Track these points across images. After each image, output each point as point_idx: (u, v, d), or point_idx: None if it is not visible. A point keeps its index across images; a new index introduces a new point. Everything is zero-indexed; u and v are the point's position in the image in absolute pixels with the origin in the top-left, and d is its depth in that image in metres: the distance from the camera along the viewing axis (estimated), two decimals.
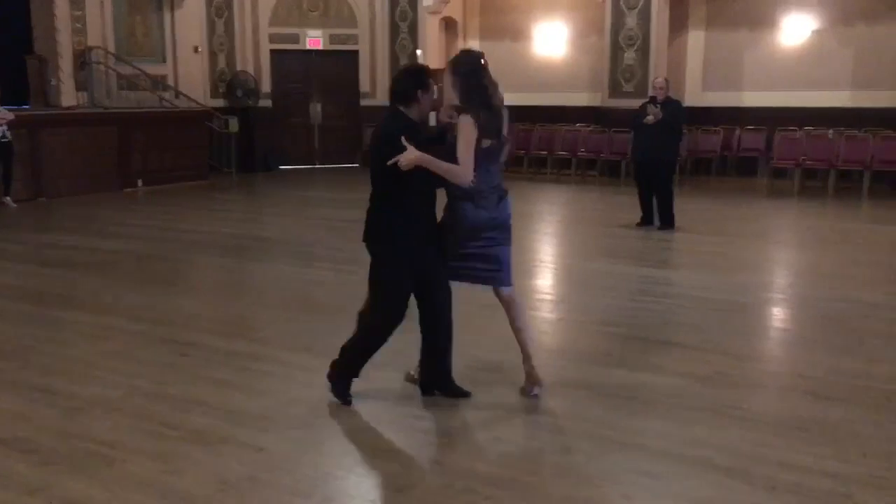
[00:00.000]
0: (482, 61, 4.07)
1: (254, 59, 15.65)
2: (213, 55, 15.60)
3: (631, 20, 13.97)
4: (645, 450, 3.62)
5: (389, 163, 3.79)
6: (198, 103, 14.68)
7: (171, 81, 14.84)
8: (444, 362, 4.27)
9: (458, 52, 4.19)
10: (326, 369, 4.31)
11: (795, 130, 13.10)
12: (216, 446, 3.71)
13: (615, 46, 14.17)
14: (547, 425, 4.02)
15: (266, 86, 15.74)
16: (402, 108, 3.96)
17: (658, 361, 4.82)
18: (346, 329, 5.50)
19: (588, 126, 14.62)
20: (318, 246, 8.74)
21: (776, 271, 7.86)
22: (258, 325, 5.76)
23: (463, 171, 3.90)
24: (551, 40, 15.75)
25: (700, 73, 14.76)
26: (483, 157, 3.98)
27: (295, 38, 15.74)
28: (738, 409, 4.08)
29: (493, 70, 4.17)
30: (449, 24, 16.55)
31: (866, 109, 12.93)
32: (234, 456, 3.61)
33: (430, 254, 4.07)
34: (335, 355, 4.96)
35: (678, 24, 14.45)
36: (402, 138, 3.79)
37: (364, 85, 16.15)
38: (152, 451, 3.67)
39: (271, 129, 15.64)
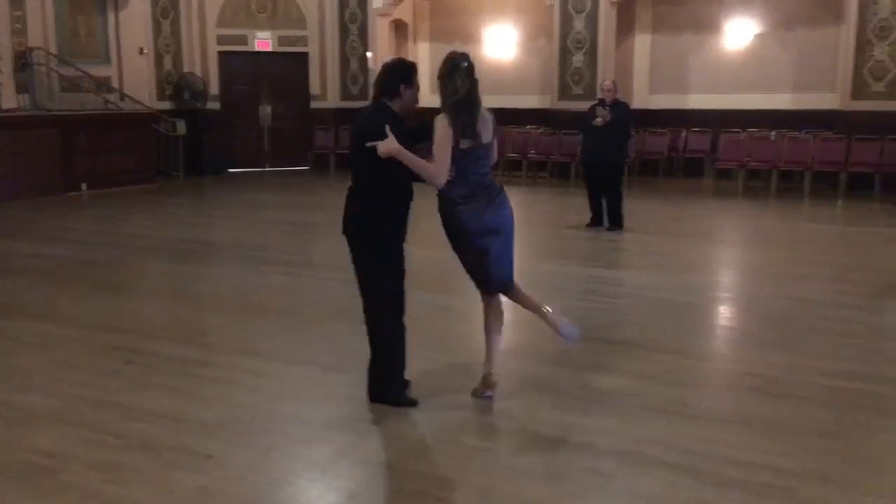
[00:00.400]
0: (465, 63, 4.02)
1: (201, 60, 15.44)
2: (159, 57, 15.35)
3: (579, 24, 14.13)
4: (595, 448, 3.65)
5: (368, 144, 3.81)
6: (144, 105, 14.42)
7: (115, 83, 14.56)
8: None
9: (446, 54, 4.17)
10: (363, 390, 4.23)
11: (739, 132, 13.39)
12: (163, 454, 3.64)
13: (564, 49, 14.31)
14: (499, 426, 4.03)
15: (214, 88, 15.55)
16: (386, 102, 3.99)
17: (607, 361, 4.88)
18: (296, 332, 5.51)
19: (538, 128, 14.74)
20: (268, 249, 8.65)
21: (722, 270, 8.01)
22: (206, 330, 5.67)
23: (434, 171, 3.88)
24: (501, 43, 15.85)
25: (647, 76, 15.00)
26: (462, 159, 3.96)
27: (243, 40, 15.58)
28: (685, 406, 4.14)
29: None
30: (399, 27, 16.55)
31: (807, 111, 13.27)
32: (182, 464, 3.55)
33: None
34: (285, 358, 4.95)
35: (625, 27, 14.66)
36: (387, 127, 3.81)
37: (314, 87, 16.06)
38: (96, 460, 3.58)
39: (220, 132, 15.44)
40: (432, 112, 3.99)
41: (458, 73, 3.99)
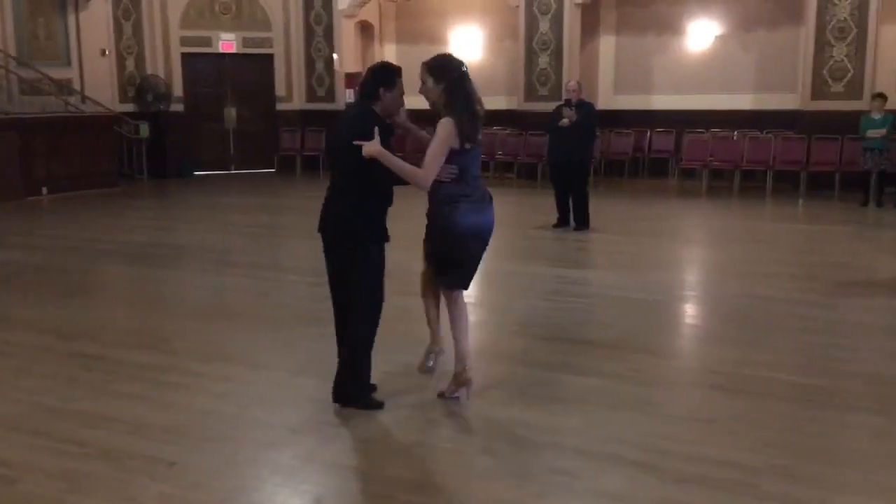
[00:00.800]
0: (464, 68, 4.08)
1: (164, 62, 15.27)
2: (121, 58, 15.14)
3: (544, 25, 14.20)
4: (560, 448, 3.67)
5: (355, 142, 3.83)
6: (106, 108, 14.22)
7: (76, 85, 14.33)
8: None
9: (436, 56, 4.20)
10: (328, 396, 4.19)
11: (703, 132, 13.55)
12: (124, 462, 3.59)
13: (529, 51, 14.37)
14: (465, 427, 4.03)
15: (178, 90, 15.37)
16: (368, 103, 4.03)
17: (573, 360, 4.90)
18: (261, 336, 5.46)
19: (505, 129, 14.78)
20: (233, 252, 8.57)
21: (687, 269, 8.10)
22: (169, 335, 5.60)
23: (422, 175, 3.90)
24: (467, 44, 15.86)
25: (612, 77, 15.11)
26: (466, 160, 4.01)
27: (207, 41, 15.43)
28: (650, 404, 4.18)
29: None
30: (365, 28, 16.51)
31: (768, 112, 13.46)
32: (144, 472, 3.50)
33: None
34: (251, 362, 4.91)
35: (590, 29, 14.76)
36: (375, 129, 3.83)
37: (280, 89, 15.96)
38: (56, 469, 3.52)
39: (184, 134, 15.28)
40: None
41: (467, 78, 4.05)
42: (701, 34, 14.21)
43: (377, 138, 3.82)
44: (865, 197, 11.24)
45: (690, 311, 6.41)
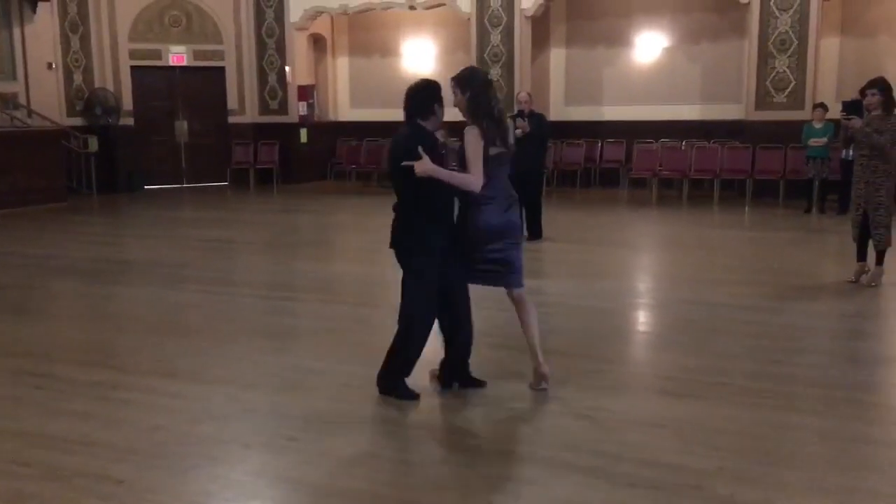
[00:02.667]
0: (488, 77, 4.48)
1: (113, 75, 15.04)
2: (68, 71, 14.87)
3: (495, 37, 14.34)
4: (513, 456, 3.71)
5: (404, 164, 4.07)
6: (53, 122, 13.96)
7: (22, 99, 14.04)
8: (467, 357, 4.54)
9: (463, 69, 4.56)
10: (373, 383, 4.47)
11: (652, 142, 13.79)
12: (72, 481, 3.52)
13: (481, 63, 14.46)
14: (420, 438, 4.04)
15: (127, 103, 15.15)
16: (420, 122, 4.25)
17: (527, 369, 4.93)
18: (213, 351, 5.40)
19: (457, 140, 14.83)
20: (185, 267, 8.47)
21: (638, 277, 8.23)
22: (119, 351, 5.52)
23: (473, 179, 4.14)
24: (419, 57, 15.95)
25: (562, 89, 15.30)
26: (493, 165, 4.22)
27: (157, 54, 15.25)
28: (601, 410, 4.24)
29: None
30: (317, 41, 16.49)
31: (714, 122, 13.75)
32: (91, 490, 3.44)
33: (452, 257, 4.33)
34: (202, 378, 4.86)
35: (540, 41, 14.93)
36: (420, 148, 4.05)
37: (232, 102, 15.85)
38: (1, 491, 3.44)
39: (135, 148, 15.06)
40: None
41: (493, 87, 4.43)
42: (648, 46, 14.47)
43: (426, 157, 4.03)
44: (808, 204, 11.54)
45: (641, 318, 6.51)
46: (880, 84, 6.81)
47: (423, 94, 4.28)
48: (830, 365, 5.04)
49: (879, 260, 6.93)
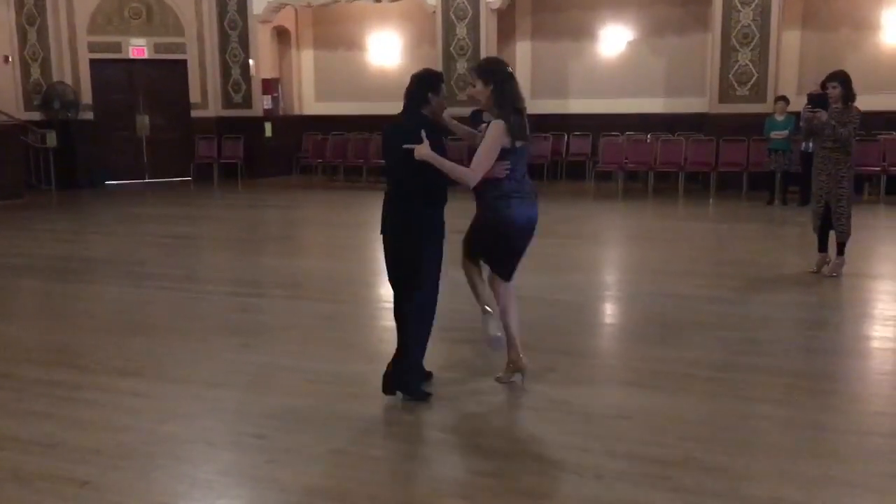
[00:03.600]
0: (510, 69, 4.33)
1: (72, 68, 14.78)
2: (25, 65, 14.59)
3: (461, 30, 14.33)
4: (480, 449, 3.71)
5: (405, 146, 4.08)
6: (9, 116, 13.68)
7: None
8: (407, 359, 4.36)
9: (485, 59, 4.57)
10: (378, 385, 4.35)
11: (618, 135, 13.88)
12: (34, 484, 3.45)
13: (447, 56, 14.48)
14: (390, 434, 4.02)
15: (87, 97, 14.91)
16: (419, 110, 4.27)
17: (494, 363, 4.94)
18: (177, 349, 5.33)
19: (425, 134, 14.81)
20: (148, 264, 8.35)
21: (605, 270, 8.28)
22: (82, 351, 5.42)
23: (471, 174, 4.15)
24: (385, 50, 15.88)
25: (529, 82, 15.28)
26: (518, 158, 4.27)
27: (117, 47, 15.01)
28: (568, 403, 4.25)
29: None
30: (281, 34, 16.34)
31: (679, 115, 13.87)
32: (54, 492, 3.37)
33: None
34: (167, 376, 4.79)
35: (506, 34, 14.95)
36: (423, 132, 4.06)
37: (194, 95, 15.66)
38: None
39: (95, 143, 14.82)
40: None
41: (513, 79, 4.30)
42: (614, 40, 14.55)
43: (426, 142, 4.05)
44: (771, 196, 11.71)
45: (607, 311, 6.55)
46: (840, 77, 6.91)
47: (418, 84, 4.30)
48: (793, 355, 5.12)
49: (840, 250, 7.04)
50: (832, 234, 7.07)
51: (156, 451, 3.80)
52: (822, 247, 7.14)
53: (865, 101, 8.30)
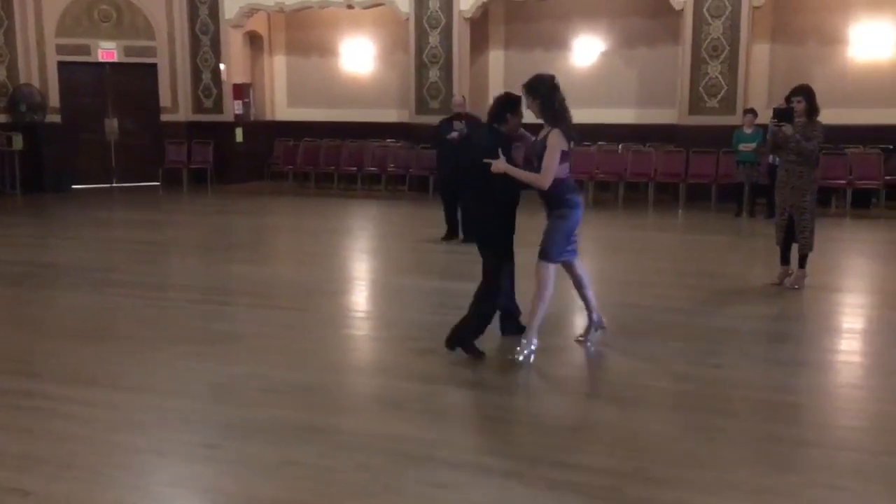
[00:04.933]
0: (556, 81, 4.99)
1: (39, 71, 14.59)
2: None
3: (434, 39, 14.33)
4: (433, 461, 3.68)
5: (485, 160, 4.84)
6: None
7: None
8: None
9: (531, 77, 5.06)
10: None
11: (589, 145, 13.92)
12: None
13: (420, 64, 14.47)
14: (342, 444, 3.97)
15: (54, 100, 14.71)
16: (496, 126, 5.08)
17: (451, 373, 4.92)
18: (133, 358, 5.24)
19: (397, 142, 14.81)
20: (113, 271, 8.23)
21: (570, 280, 8.25)
22: (35, 358, 5.32)
23: (543, 178, 4.86)
24: (358, 57, 15.85)
25: (502, 91, 15.31)
26: (569, 161, 5.02)
27: (86, 50, 14.84)
28: (522, 414, 4.25)
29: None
30: (253, 39, 16.25)
31: (649, 126, 13.96)
32: None
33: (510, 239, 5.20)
34: (121, 385, 4.72)
35: (480, 43, 14.98)
36: (499, 150, 4.87)
37: (164, 99, 15.53)
38: None
39: (62, 147, 14.63)
40: None
41: (558, 89, 4.96)
42: (586, 50, 14.62)
43: (503, 157, 4.83)
44: (739, 208, 11.81)
45: (569, 321, 6.52)
46: (804, 91, 6.99)
47: (500, 106, 5.08)
48: (752, 367, 5.14)
49: (802, 263, 7.10)
50: (795, 247, 7.13)
51: (104, 461, 3.74)
52: (785, 259, 7.20)
53: (833, 115, 8.40)
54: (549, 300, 5.11)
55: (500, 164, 4.82)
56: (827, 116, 7.17)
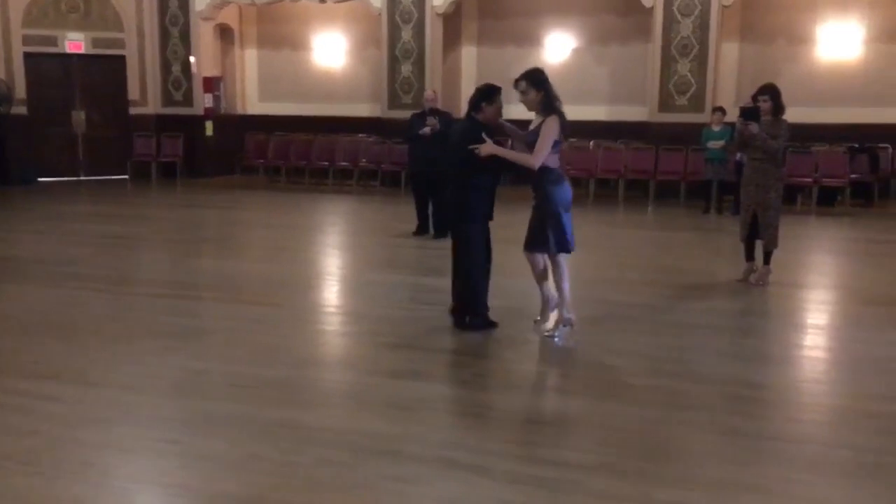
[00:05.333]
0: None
1: (5, 62, 14.34)
2: None
3: (406, 34, 14.30)
4: (399, 455, 3.68)
5: (470, 147, 5.08)
6: None
7: None
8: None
9: (531, 69, 5.38)
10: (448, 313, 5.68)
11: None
12: None
13: (392, 59, 14.44)
14: (306, 439, 3.96)
15: (20, 91, 14.47)
16: (474, 115, 5.37)
17: (421, 368, 4.93)
18: (97, 353, 5.19)
19: (369, 137, 14.77)
20: (77, 264, 8.13)
21: None
22: None
23: (532, 159, 5.13)
24: (330, 51, 15.77)
25: (474, 87, 15.32)
26: (560, 148, 5.28)
27: (53, 41, 14.61)
28: (490, 409, 4.26)
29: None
30: (224, 31, 16.11)
31: (620, 123, 14.03)
32: None
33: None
34: (83, 380, 4.66)
35: (452, 39, 14.97)
36: (483, 134, 5.14)
37: (133, 92, 15.35)
38: None
39: (28, 139, 14.41)
40: None
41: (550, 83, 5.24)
42: (558, 47, 14.67)
43: (489, 140, 5.10)
44: (707, 205, 11.93)
45: (537, 317, 6.55)
46: (770, 90, 7.07)
47: (477, 95, 5.40)
48: (717, 362, 5.19)
49: (767, 260, 7.19)
50: (759, 244, 7.21)
51: (65, 457, 3.69)
52: (749, 256, 7.29)
53: (800, 114, 8.51)
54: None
55: (487, 147, 5.07)
56: (794, 115, 7.26)
